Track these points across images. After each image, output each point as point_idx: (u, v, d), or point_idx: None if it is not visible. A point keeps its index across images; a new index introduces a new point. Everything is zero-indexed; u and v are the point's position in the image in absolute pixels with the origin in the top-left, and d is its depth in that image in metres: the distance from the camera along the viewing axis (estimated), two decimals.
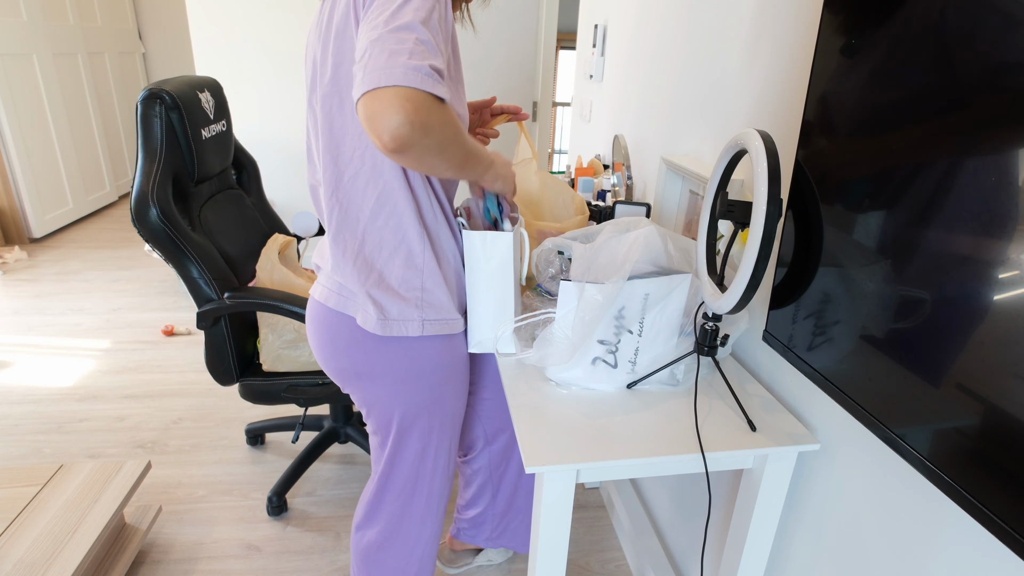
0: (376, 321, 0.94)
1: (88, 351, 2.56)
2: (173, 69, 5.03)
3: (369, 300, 0.94)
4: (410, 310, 0.96)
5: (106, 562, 1.41)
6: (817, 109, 0.74)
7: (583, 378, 0.96)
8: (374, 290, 0.94)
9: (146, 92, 1.38)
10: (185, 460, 1.93)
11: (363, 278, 0.94)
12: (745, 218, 0.81)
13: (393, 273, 0.95)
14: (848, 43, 0.68)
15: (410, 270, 0.95)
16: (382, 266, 0.94)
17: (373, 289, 0.94)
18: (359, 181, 0.90)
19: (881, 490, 0.78)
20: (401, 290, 0.95)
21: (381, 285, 0.94)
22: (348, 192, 0.91)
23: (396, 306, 0.95)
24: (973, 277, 0.54)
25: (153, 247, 1.39)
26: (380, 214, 0.92)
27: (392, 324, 0.95)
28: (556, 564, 0.91)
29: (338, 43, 0.84)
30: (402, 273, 0.95)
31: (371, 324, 0.95)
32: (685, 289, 0.93)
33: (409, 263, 0.95)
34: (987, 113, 0.51)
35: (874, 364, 0.66)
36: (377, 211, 0.92)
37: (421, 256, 0.95)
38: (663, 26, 1.45)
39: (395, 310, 0.95)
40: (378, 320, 0.94)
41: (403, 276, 0.95)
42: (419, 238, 0.94)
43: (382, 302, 0.95)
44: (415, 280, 0.96)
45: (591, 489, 1.87)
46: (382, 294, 0.94)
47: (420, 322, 0.97)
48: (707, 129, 1.23)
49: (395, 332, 0.96)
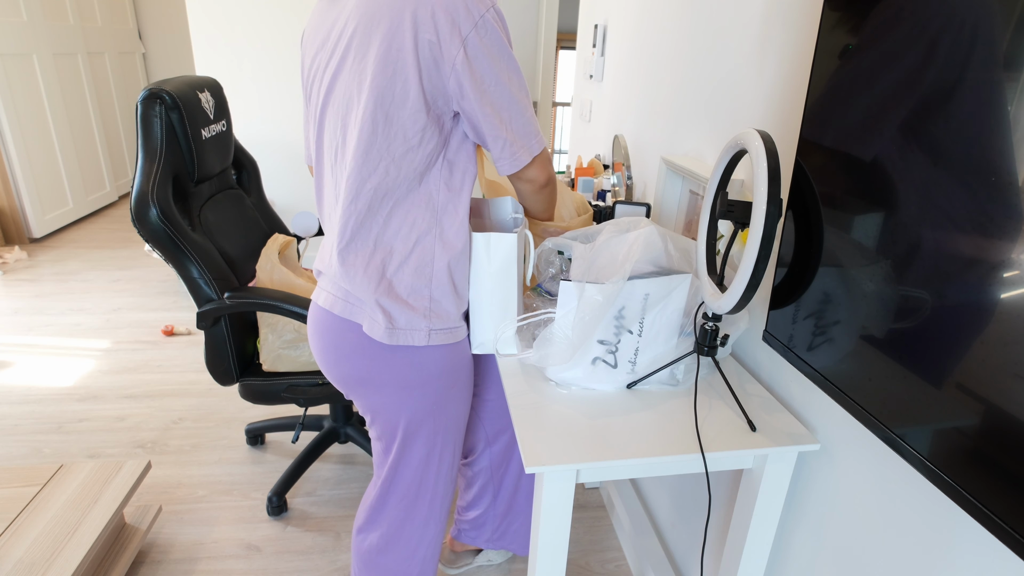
0: (384, 330, 0.94)
1: (88, 351, 2.56)
2: (173, 69, 5.03)
3: (378, 308, 0.94)
4: (418, 319, 0.96)
5: (106, 562, 1.41)
6: (817, 109, 0.74)
7: (583, 378, 0.96)
8: (383, 299, 0.94)
9: (146, 92, 1.38)
10: (185, 460, 1.93)
11: (373, 286, 0.94)
12: (745, 218, 0.81)
13: (403, 282, 0.95)
14: (848, 43, 0.68)
15: (420, 279, 0.95)
16: (392, 275, 0.94)
17: (382, 298, 0.94)
18: (380, 191, 0.91)
19: (881, 490, 0.78)
20: (410, 299, 0.95)
21: (391, 294, 0.94)
22: (368, 201, 0.91)
23: (404, 315, 0.95)
24: (973, 277, 0.54)
25: (153, 247, 1.39)
26: (395, 224, 0.93)
27: (399, 333, 0.95)
28: (556, 564, 0.91)
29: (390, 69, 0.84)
30: (412, 282, 0.95)
31: (378, 332, 0.95)
32: (685, 289, 0.93)
33: (419, 273, 0.95)
34: (986, 113, 0.51)
35: (874, 364, 0.66)
36: (393, 221, 0.93)
37: (431, 266, 0.95)
38: (663, 26, 1.45)
39: (403, 319, 0.95)
40: (386, 329, 0.94)
41: (412, 285, 0.95)
42: (432, 249, 0.94)
43: (391, 311, 0.95)
44: (424, 290, 0.96)
45: (591, 489, 1.87)
46: (391, 303, 0.94)
47: (427, 332, 0.97)
48: (707, 129, 1.23)
49: (402, 341, 0.96)
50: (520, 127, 0.90)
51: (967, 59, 0.53)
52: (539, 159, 0.94)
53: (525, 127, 0.90)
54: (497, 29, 0.84)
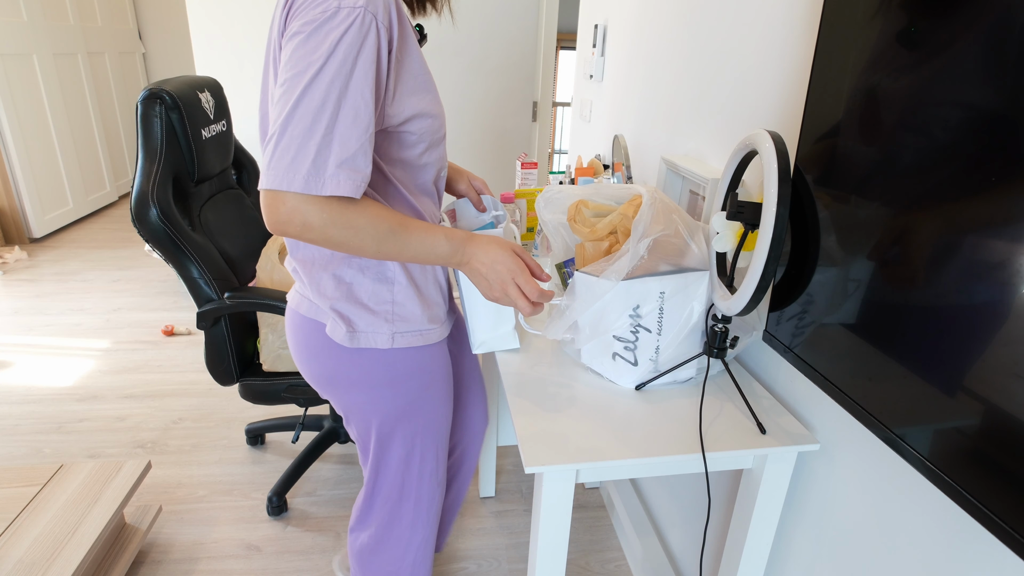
0: (345, 334, 0.92)
1: (88, 351, 2.56)
2: (173, 69, 5.03)
3: (336, 314, 0.92)
4: (379, 323, 0.93)
5: (106, 562, 1.41)
6: (817, 109, 0.74)
7: (609, 370, 0.99)
8: (341, 303, 0.91)
9: (146, 92, 1.38)
10: (185, 460, 1.93)
11: (330, 291, 0.91)
12: (755, 219, 0.80)
13: (364, 287, 0.92)
14: (847, 43, 0.68)
15: (381, 284, 0.92)
16: (351, 279, 0.91)
17: (340, 303, 0.91)
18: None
19: (881, 490, 0.78)
20: (371, 304, 0.92)
21: (350, 298, 0.92)
22: None
23: (364, 319, 0.93)
24: (973, 277, 0.54)
25: (153, 247, 1.39)
26: None
27: (360, 336, 0.93)
28: (556, 564, 0.91)
29: (273, 65, 0.83)
30: (372, 287, 0.92)
31: (339, 336, 0.92)
32: (703, 286, 0.93)
33: (380, 277, 0.92)
34: (986, 112, 0.51)
35: (874, 364, 0.66)
36: None
37: (392, 269, 0.92)
38: (663, 26, 1.45)
39: (363, 323, 0.93)
40: (347, 333, 0.92)
41: (373, 290, 0.92)
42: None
43: (350, 316, 0.92)
44: (385, 294, 0.93)
45: (591, 489, 1.87)
46: (351, 307, 0.92)
47: (390, 335, 0.94)
48: (707, 129, 1.23)
49: (363, 344, 0.93)
50: (283, 148, 0.72)
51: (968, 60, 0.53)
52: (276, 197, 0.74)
53: (288, 149, 0.72)
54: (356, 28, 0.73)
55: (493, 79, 2.97)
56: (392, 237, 0.80)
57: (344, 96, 0.73)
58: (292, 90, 0.73)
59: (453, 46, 2.82)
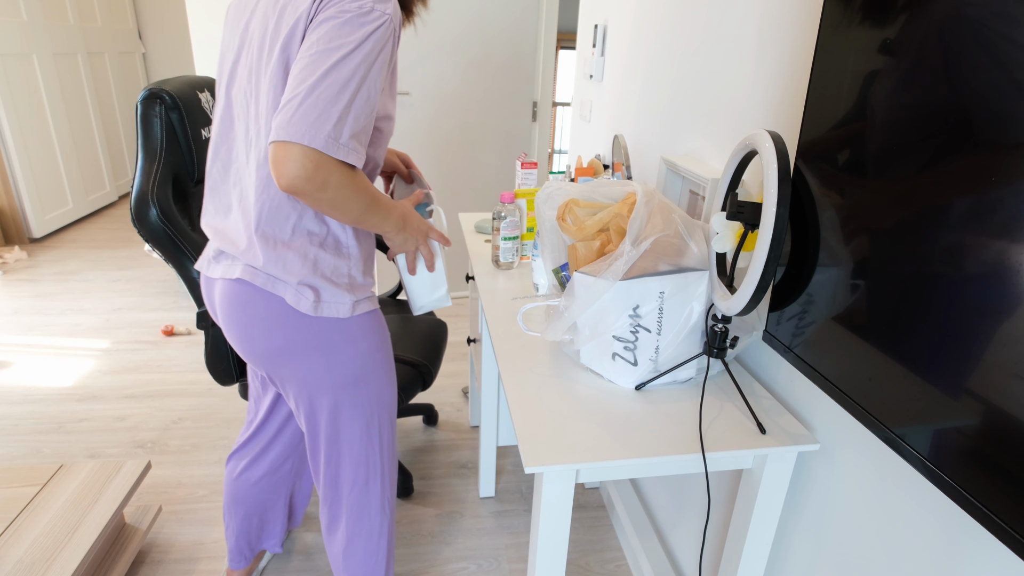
0: (311, 303, 0.97)
1: (88, 351, 2.56)
2: (173, 69, 5.03)
3: (305, 287, 0.97)
4: (341, 294, 1.00)
5: (106, 562, 1.41)
6: (817, 109, 0.74)
7: (608, 370, 0.98)
8: (309, 278, 0.97)
9: (146, 92, 1.38)
10: (185, 460, 1.93)
11: (297, 268, 0.96)
12: (755, 219, 0.80)
13: (326, 262, 0.98)
14: (847, 43, 0.68)
15: (340, 258, 0.99)
16: (315, 255, 0.97)
17: (308, 278, 0.97)
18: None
19: (881, 490, 0.78)
20: (333, 277, 0.99)
21: (316, 273, 0.97)
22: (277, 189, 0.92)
23: (328, 291, 0.99)
24: (973, 277, 0.54)
25: (153, 247, 1.39)
26: (307, 210, 0.95)
27: (324, 306, 0.99)
28: (556, 564, 0.91)
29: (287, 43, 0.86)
30: (333, 262, 0.99)
31: (305, 306, 0.97)
32: (703, 286, 0.93)
33: (338, 252, 0.99)
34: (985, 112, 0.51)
35: (874, 364, 0.66)
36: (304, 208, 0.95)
37: (347, 245, 1.00)
38: (663, 26, 1.45)
39: (327, 294, 0.99)
40: (313, 303, 0.97)
41: (334, 264, 0.99)
42: (342, 228, 0.98)
43: (318, 287, 0.98)
44: (343, 267, 1.00)
45: (591, 489, 1.87)
46: (317, 280, 0.97)
47: (351, 304, 1.01)
48: (707, 129, 1.23)
49: (326, 313, 0.99)
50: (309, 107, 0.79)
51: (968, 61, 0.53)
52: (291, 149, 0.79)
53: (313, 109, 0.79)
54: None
55: (493, 79, 2.97)
56: (373, 205, 0.92)
57: (365, 80, 0.82)
58: (323, 61, 0.80)
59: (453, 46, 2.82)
